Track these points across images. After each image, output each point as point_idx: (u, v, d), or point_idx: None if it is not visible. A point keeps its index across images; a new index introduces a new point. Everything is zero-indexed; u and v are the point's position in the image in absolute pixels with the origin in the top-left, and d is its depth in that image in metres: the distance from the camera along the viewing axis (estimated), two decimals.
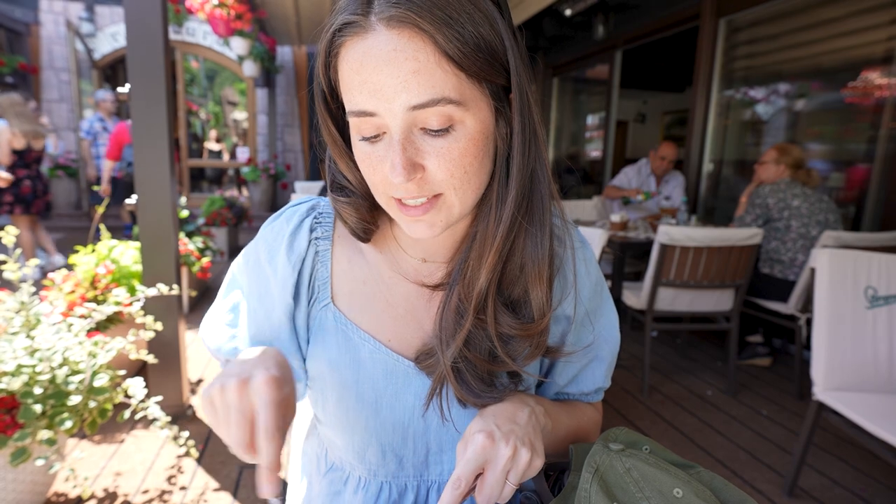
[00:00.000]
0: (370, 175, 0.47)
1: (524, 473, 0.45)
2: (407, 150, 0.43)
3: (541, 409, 0.53)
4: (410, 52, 0.40)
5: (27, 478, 1.50)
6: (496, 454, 0.45)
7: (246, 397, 0.40)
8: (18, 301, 1.51)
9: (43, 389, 1.39)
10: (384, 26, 0.40)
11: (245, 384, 0.41)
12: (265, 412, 0.39)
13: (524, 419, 0.48)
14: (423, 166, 0.44)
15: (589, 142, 7.55)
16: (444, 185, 0.45)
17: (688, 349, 3.16)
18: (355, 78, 0.42)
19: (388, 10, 0.40)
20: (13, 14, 6.89)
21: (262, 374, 0.41)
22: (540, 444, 0.47)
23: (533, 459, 0.46)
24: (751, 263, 2.46)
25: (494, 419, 0.48)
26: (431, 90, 0.41)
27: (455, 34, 0.40)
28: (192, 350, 2.89)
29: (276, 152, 8.20)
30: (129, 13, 1.83)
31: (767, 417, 2.35)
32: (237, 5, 3.86)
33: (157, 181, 1.94)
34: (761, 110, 3.88)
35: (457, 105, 0.42)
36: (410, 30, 0.40)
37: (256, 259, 0.57)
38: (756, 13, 3.67)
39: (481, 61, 0.42)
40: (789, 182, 2.73)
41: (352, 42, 0.42)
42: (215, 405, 0.41)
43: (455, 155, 0.44)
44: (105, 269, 2.21)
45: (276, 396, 0.41)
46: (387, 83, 0.41)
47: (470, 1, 0.42)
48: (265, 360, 0.44)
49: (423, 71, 0.40)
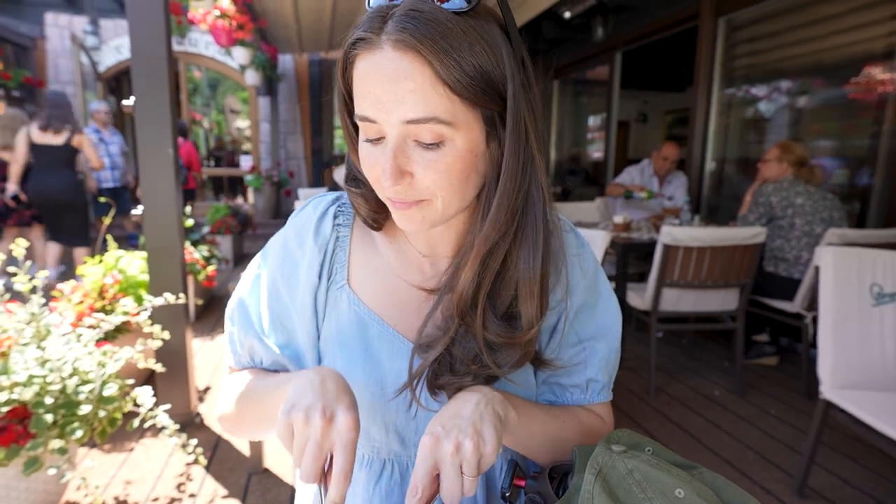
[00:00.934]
0: (368, 172, 0.52)
1: (476, 463, 0.46)
2: (398, 157, 0.47)
3: (497, 396, 0.53)
4: (410, 72, 0.44)
5: (39, 487, 1.52)
6: (441, 452, 0.46)
7: (329, 435, 0.44)
8: (29, 312, 1.53)
9: (54, 399, 1.41)
10: (391, 46, 0.45)
11: (330, 423, 0.45)
12: (344, 454, 0.44)
13: (469, 410, 0.49)
14: (411, 173, 0.48)
15: (591, 143, 7.56)
16: (428, 193, 0.49)
17: (694, 349, 3.15)
18: (363, 88, 0.47)
19: (396, 34, 0.44)
20: (19, 29, 6.98)
21: (345, 415, 0.45)
22: (490, 430, 0.47)
23: (481, 447, 0.46)
24: (755, 262, 2.46)
25: (439, 419, 0.49)
26: (424, 109, 0.45)
27: (453, 63, 0.44)
28: (200, 358, 2.91)
29: (280, 160, 8.25)
30: (133, 27, 1.86)
31: (776, 417, 2.34)
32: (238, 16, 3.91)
33: (163, 192, 1.96)
34: (763, 108, 3.88)
35: (447, 125, 0.46)
36: (413, 54, 0.44)
37: (284, 244, 0.62)
38: (755, 11, 3.67)
39: (476, 90, 0.46)
40: (792, 180, 2.72)
41: (363, 55, 0.47)
42: (296, 432, 0.45)
43: (441, 168, 0.48)
44: (112, 279, 2.23)
45: (355, 439, 0.45)
46: (387, 97, 0.45)
47: (477, 32, 0.46)
48: (342, 397, 0.48)
49: (419, 91, 0.45)
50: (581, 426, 0.62)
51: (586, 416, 0.64)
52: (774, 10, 3.54)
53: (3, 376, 1.37)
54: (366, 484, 0.62)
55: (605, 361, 0.63)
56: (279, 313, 0.62)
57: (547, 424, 0.59)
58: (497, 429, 0.48)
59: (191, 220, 3.73)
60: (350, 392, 0.50)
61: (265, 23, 5.12)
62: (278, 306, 0.62)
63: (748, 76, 3.91)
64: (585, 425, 0.63)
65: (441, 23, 0.44)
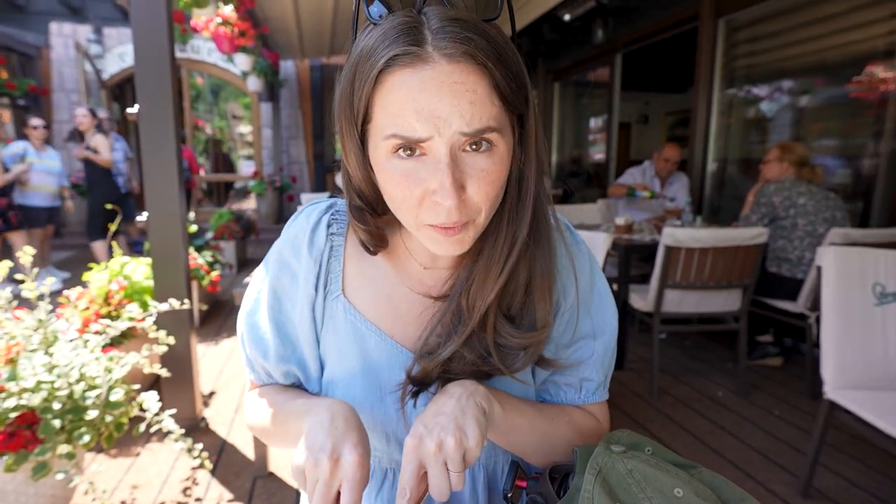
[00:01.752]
0: (404, 193, 0.47)
1: (459, 458, 0.46)
2: (454, 172, 0.45)
3: (481, 390, 0.52)
4: (471, 84, 0.44)
5: (48, 492, 1.53)
6: (424, 452, 0.46)
7: (336, 476, 0.46)
8: (37, 319, 1.55)
9: (61, 405, 1.42)
10: (446, 60, 0.43)
11: (336, 464, 0.46)
12: (350, 492, 0.45)
13: (450, 406, 0.49)
14: (465, 188, 0.46)
15: (592, 144, 7.56)
16: (475, 210, 0.48)
17: (697, 351, 3.15)
18: (410, 105, 0.44)
19: (450, 46, 0.43)
20: (24, 38, 7.04)
21: (350, 455, 0.46)
22: (472, 423, 0.47)
23: (464, 441, 0.46)
24: (757, 263, 2.46)
25: (422, 419, 0.49)
26: (481, 120, 0.44)
27: (506, 72, 0.45)
28: (205, 363, 2.92)
29: (282, 165, 8.28)
30: (136, 36, 1.88)
31: (780, 418, 2.34)
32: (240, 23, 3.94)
33: (167, 198, 1.98)
34: (765, 108, 3.88)
35: (497, 132, 0.46)
36: (472, 65, 0.43)
37: (280, 256, 0.61)
38: (755, 12, 3.68)
39: (519, 96, 0.47)
40: (794, 180, 2.72)
41: (404, 71, 0.44)
42: (307, 475, 0.47)
43: (493, 177, 0.47)
44: (118, 285, 2.25)
45: (362, 476, 0.46)
46: (444, 111, 0.43)
47: (505, 38, 0.47)
48: (350, 434, 0.48)
49: (479, 103, 0.44)
50: (573, 425, 0.62)
51: (579, 416, 0.63)
52: (774, 10, 3.55)
53: (12, 382, 1.38)
54: (368, 493, 0.62)
55: (601, 360, 0.63)
56: (282, 324, 0.62)
57: (535, 420, 0.58)
58: (480, 422, 0.48)
59: (194, 225, 3.75)
60: (358, 427, 0.50)
61: (267, 29, 5.16)
62: (281, 317, 0.62)
63: (749, 76, 3.91)
64: (578, 424, 0.62)
65: (486, 31, 0.44)
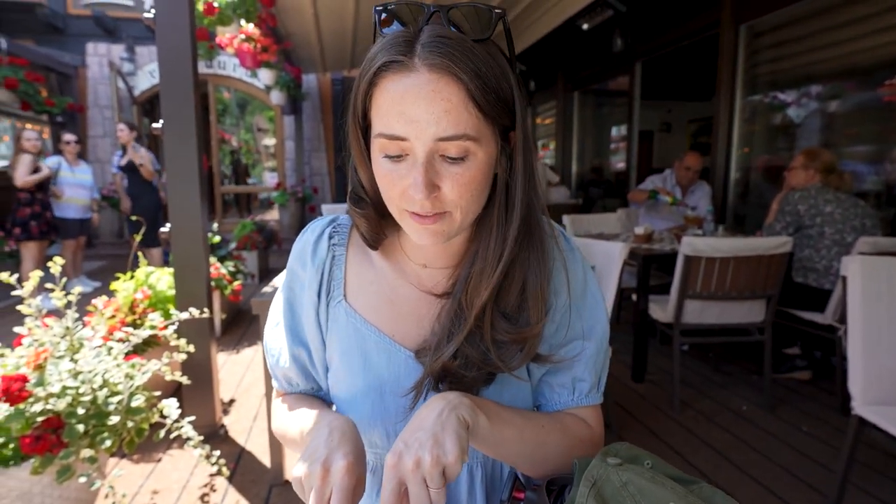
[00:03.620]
0: (388, 189, 0.54)
1: (437, 475, 0.46)
2: (428, 172, 0.50)
3: (465, 402, 0.53)
4: (446, 94, 0.48)
5: (72, 494, 1.58)
6: (403, 470, 0.47)
7: (326, 483, 0.48)
8: (64, 326, 1.61)
9: (85, 410, 1.47)
10: (426, 69, 0.48)
11: (326, 473, 0.48)
12: (338, 497, 0.47)
13: (430, 421, 0.49)
14: (439, 187, 0.51)
15: (614, 153, 7.50)
16: (452, 205, 0.52)
17: (722, 363, 3.07)
18: (393, 107, 0.49)
19: (431, 57, 0.48)
20: (63, 59, 7.39)
21: (339, 462, 0.49)
22: (451, 438, 0.47)
23: (441, 458, 0.46)
24: (781, 273, 2.39)
25: (403, 435, 0.50)
26: (457, 127, 0.49)
27: (482, 84, 0.49)
28: (225, 371, 2.98)
29: (304, 176, 8.44)
30: (161, 56, 1.96)
31: (808, 434, 2.25)
32: (263, 38, 4.05)
33: (189, 211, 2.04)
34: (792, 114, 3.79)
35: (474, 141, 0.50)
36: (448, 76, 0.48)
37: (291, 268, 0.67)
38: (777, 17, 3.61)
39: (497, 107, 0.51)
40: (820, 187, 2.65)
41: (393, 77, 0.49)
42: (304, 485, 0.49)
43: (466, 180, 0.51)
44: (142, 294, 2.32)
45: (350, 483, 0.48)
46: (422, 116, 0.48)
47: (492, 57, 0.51)
48: (343, 444, 0.51)
49: (454, 111, 0.48)
50: (565, 431, 0.62)
51: (571, 422, 0.64)
52: (797, 15, 3.48)
53: (40, 387, 1.43)
54: (369, 489, 0.65)
55: (593, 361, 0.64)
56: (297, 331, 0.67)
57: (525, 430, 0.58)
58: (461, 436, 0.48)
59: (218, 236, 3.85)
60: (353, 439, 0.52)
61: (289, 44, 5.30)
62: (294, 324, 0.67)
63: (773, 82, 3.83)
64: (570, 430, 0.62)
65: (469, 48, 0.49)
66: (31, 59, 6.05)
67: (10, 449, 1.44)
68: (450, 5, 0.51)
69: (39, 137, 4.53)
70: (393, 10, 0.52)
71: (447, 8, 0.51)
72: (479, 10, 0.51)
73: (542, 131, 8.24)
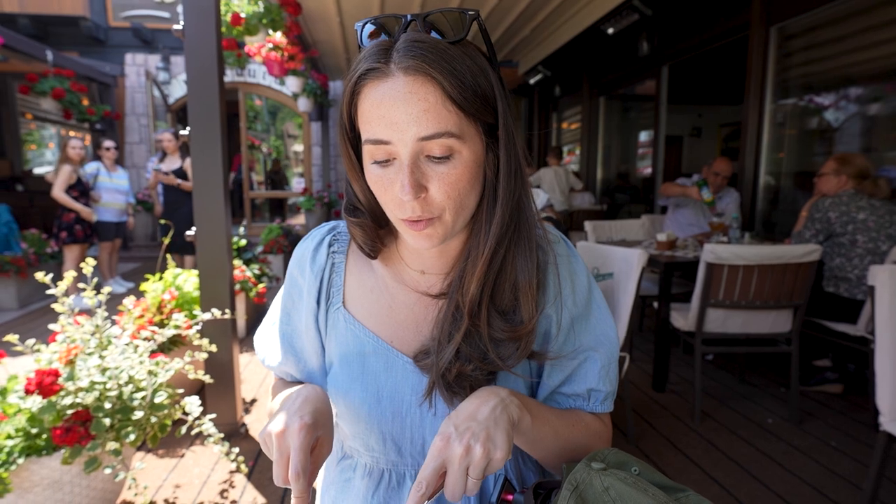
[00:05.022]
0: (381, 194, 0.55)
1: (483, 467, 0.47)
2: (414, 173, 0.51)
3: (514, 400, 0.54)
4: (422, 94, 0.49)
5: (99, 485, 1.65)
6: (451, 454, 0.48)
7: (284, 442, 0.50)
8: (94, 324, 1.69)
9: (111, 405, 1.54)
10: (402, 73, 0.49)
11: (283, 433, 0.50)
12: (294, 456, 0.49)
13: (485, 413, 0.51)
14: (427, 188, 0.52)
15: (641, 159, 7.38)
16: (439, 209, 0.53)
17: (747, 374, 2.98)
18: (375, 112, 0.51)
19: (405, 61, 0.49)
20: (104, 69, 7.75)
21: (296, 423, 0.50)
22: (502, 436, 0.49)
23: (491, 452, 0.48)
24: (809, 282, 2.31)
25: (455, 419, 0.51)
26: (437, 125, 0.50)
27: (458, 82, 0.50)
28: (249, 371, 3.06)
29: (330, 181, 8.59)
30: (189, 66, 2.04)
31: (837, 449, 2.17)
32: (290, 47, 4.16)
33: (214, 214, 2.11)
34: (830, 117, 3.66)
35: (456, 138, 0.51)
36: (423, 77, 0.49)
37: (291, 274, 0.69)
38: (809, 18, 3.51)
39: (477, 104, 0.52)
40: (853, 194, 2.55)
41: (373, 84, 0.51)
42: (267, 445, 0.52)
43: (452, 179, 0.52)
44: (170, 295, 2.41)
45: (305, 442, 0.49)
46: (401, 118, 0.49)
47: (469, 56, 0.52)
48: (303, 408, 0.53)
49: (432, 110, 0.50)
50: (587, 429, 0.63)
51: (591, 420, 0.65)
52: (830, 17, 3.37)
53: (70, 382, 1.51)
54: (366, 491, 0.66)
55: (605, 371, 0.64)
56: (290, 336, 0.69)
57: (559, 428, 0.60)
58: (509, 435, 0.50)
59: (244, 240, 3.95)
60: (314, 402, 0.55)
61: (315, 52, 5.43)
62: (288, 329, 0.69)
63: (806, 85, 3.71)
64: (591, 428, 0.64)
65: (442, 49, 0.50)
66: (75, 70, 6.35)
67: (42, 439, 1.52)
68: (426, 13, 0.53)
69: (83, 146, 4.76)
70: (377, 23, 0.54)
71: (423, 15, 0.52)
72: (452, 14, 0.52)
73: (567, 137, 8.18)
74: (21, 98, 7.73)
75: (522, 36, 5.97)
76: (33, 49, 5.75)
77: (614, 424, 2.43)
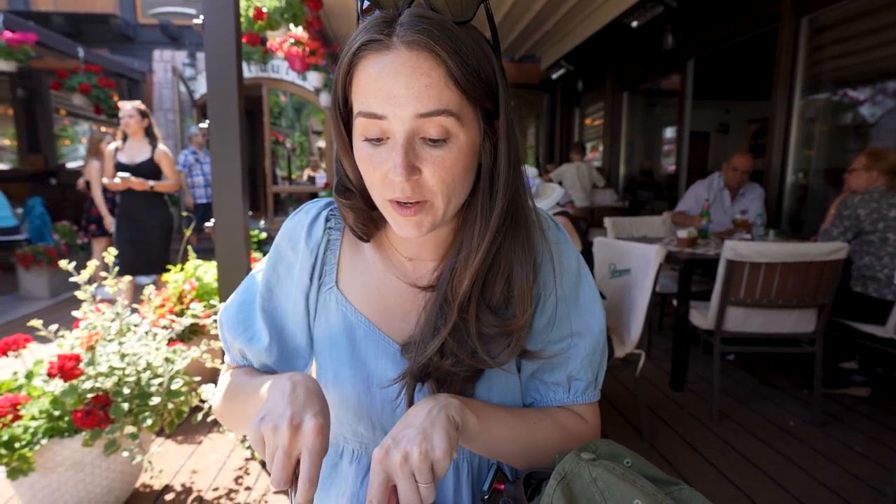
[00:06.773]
0: (369, 174, 0.52)
1: (426, 469, 0.45)
2: (408, 153, 0.49)
3: (454, 402, 0.52)
4: (425, 69, 0.48)
5: (118, 467, 1.70)
6: (390, 463, 0.46)
7: (296, 442, 0.46)
8: (114, 312, 1.74)
9: (130, 390, 1.59)
10: (405, 47, 0.48)
11: (296, 430, 0.46)
12: (310, 460, 0.45)
13: (419, 419, 0.49)
14: (420, 170, 0.50)
15: (666, 156, 7.22)
16: (431, 193, 0.51)
17: (769, 375, 2.90)
18: (372, 85, 0.48)
19: (409, 35, 0.47)
20: (133, 65, 7.95)
21: (311, 422, 0.46)
22: (440, 434, 0.47)
23: (430, 452, 0.46)
24: (835, 281, 2.23)
25: (392, 432, 0.49)
26: (438, 102, 0.48)
27: (462, 62, 0.48)
28: None
29: None
30: (209, 61, 2.08)
31: (862, 454, 2.10)
32: (311, 42, 4.20)
33: (232, 205, 2.15)
34: (866, 112, 3.53)
35: (456, 118, 0.49)
36: (427, 52, 0.48)
37: (277, 248, 0.65)
38: (842, 9, 3.37)
39: (479, 88, 0.50)
40: (884, 190, 2.45)
41: (373, 56, 0.49)
42: (266, 441, 0.47)
43: (448, 164, 0.50)
44: (190, 285, 2.47)
45: (322, 446, 0.46)
46: (401, 92, 0.47)
47: (473, 40, 0.51)
48: (312, 402, 0.49)
49: (434, 86, 0.48)
50: (558, 426, 0.61)
51: (564, 417, 0.62)
52: (866, 6, 3.24)
53: (90, 367, 1.56)
54: (354, 478, 0.65)
55: (588, 359, 0.62)
56: (270, 313, 0.65)
57: (516, 428, 0.58)
58: (450, 433, 0.48)
59: (264, 233, 4.02)
60: (320, 397, 0.51)
61: (336, 47, 5.46)
62: (270, 306, 0.65)
63: (839, 79, 3.58)
64: (563, 426, 0.61)
65: (448, 28, 0.49)
66: (105, 66, 6.53)
67: (65, 421, 1.57)
68: None
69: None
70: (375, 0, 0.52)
71: None
72: None
73: (590, 132, 8.06)
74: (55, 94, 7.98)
75: (545, 30, 5.89)
76: (66, 46, 5.94)
77: (628, 422, 2.42)
